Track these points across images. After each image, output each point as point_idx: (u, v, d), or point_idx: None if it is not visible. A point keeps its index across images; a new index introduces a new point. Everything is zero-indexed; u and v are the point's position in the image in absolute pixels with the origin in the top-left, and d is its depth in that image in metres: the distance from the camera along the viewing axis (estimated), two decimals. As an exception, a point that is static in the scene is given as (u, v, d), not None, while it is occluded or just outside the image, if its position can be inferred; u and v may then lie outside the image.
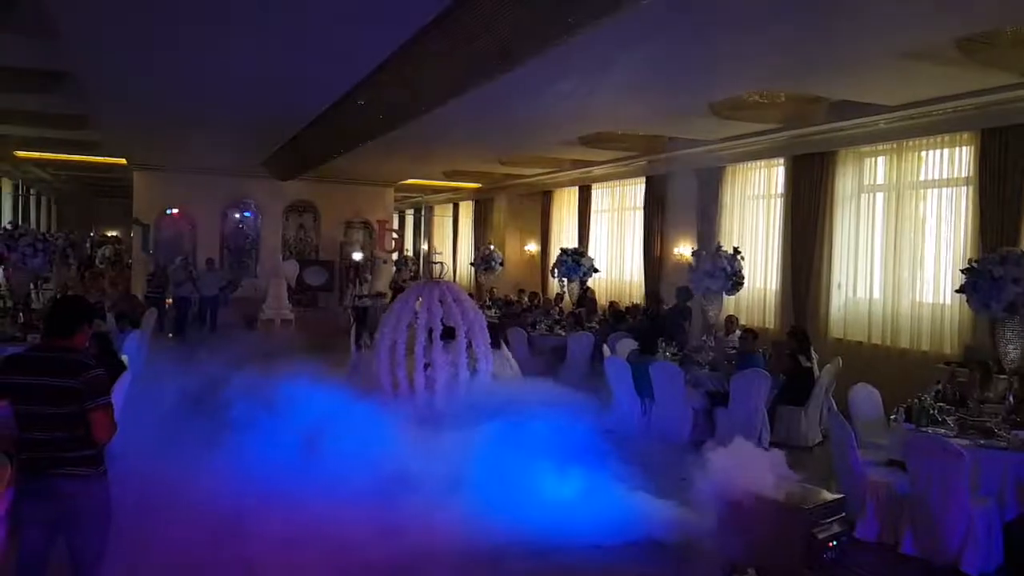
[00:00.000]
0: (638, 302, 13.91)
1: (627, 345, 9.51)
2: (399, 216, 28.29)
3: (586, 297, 14.13)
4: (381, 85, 8.24)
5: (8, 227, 14.21)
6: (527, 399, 7.48)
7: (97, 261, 22.44)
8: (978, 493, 4.98)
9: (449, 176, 18.75)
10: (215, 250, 19.30)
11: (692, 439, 7.58)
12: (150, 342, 11.09)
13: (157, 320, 12.88)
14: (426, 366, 8.46)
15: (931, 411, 5.64)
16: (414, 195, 25.65)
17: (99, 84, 9.57)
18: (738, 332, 9.50)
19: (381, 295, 17.76)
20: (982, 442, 5.24)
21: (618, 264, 15.75)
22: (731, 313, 10.78)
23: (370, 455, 5.82)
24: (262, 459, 5.72)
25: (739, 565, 4.66)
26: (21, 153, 16.91)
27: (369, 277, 16.82)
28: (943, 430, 5.43)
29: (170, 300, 15.30)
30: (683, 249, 13.21)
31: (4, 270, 9.06)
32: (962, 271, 6.35)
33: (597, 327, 11.85)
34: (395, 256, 22.17)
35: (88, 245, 22.22)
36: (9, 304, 11.15)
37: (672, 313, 11.23)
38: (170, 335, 14.42)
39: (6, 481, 3.66)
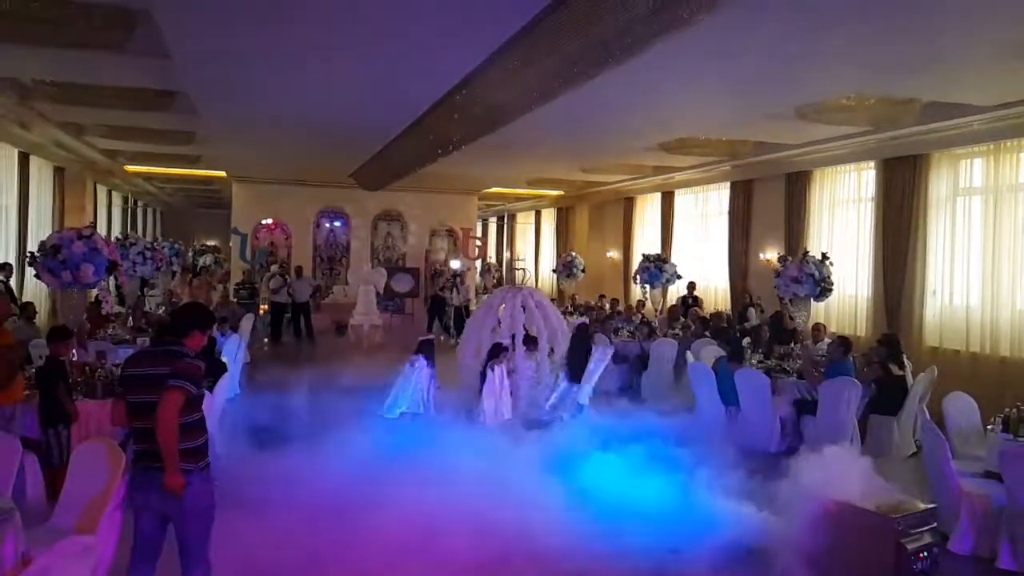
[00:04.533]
0: (722, 309, 13.75)
1: (712, 352, 9.47)
2: (482, 224, 28.75)
3: (691, 306, 13.81)
4: (469, 95, 8.52)
5: (120, 237, 15.37)
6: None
7: (198, 269, 23.75)
8: (1081, 507, 4.81)
9: (532, 184, 19.00)
10: (308, 258, 20.19)
11: (780, 448, 7.53)
12: (248, 347, 11.72)
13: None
14: (509, 372, 8.69)
15: (1031, 422, 5.46)
16: (497, 203, 26.05)
17: (207, 102, 10.23)
18: (827, 340, 9.31)
19: (469, 300, 18.16)
20: (1085, 455, 5.05)
21: (702, 270, 15.61)
22: (819, 321, 10.57)
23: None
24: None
25: (826, 574, 4.67)
26: (131, 168, 18.10)
27: (465, 284, 17.29)
28: (1044, 442, 5.26)
29: (265, 307, 16.06)
30: (769, 255, 13.02)
31: (116, 277, 9.76)
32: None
33: (680, 333, 11.81)
34: (479, 264, 22.61)
35: (190, 254, 23.53)
36: (122, 309, 11.94)
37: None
38: (266, 340, 15.15)
39: (122, 469, 4.03)
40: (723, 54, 7.06)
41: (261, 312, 15.75)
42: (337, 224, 21.38)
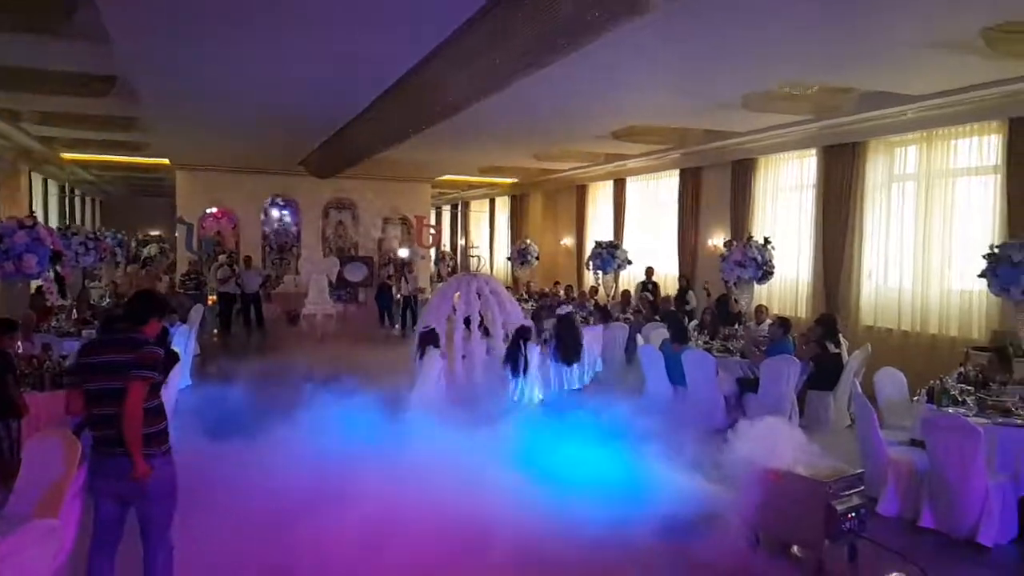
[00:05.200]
0: (671, 294, 14.08)
1: (661, 335, 9.77)
2: (436, 212, 28.75)
3: (649, 291, 14.02)
4: (418, 84, 8.59)
5: (61, 226, 14.99)
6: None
7: (143, 260, 23.26)
8: (994, 469, 5.18)
9: (486, 172, 19.10)
10: (257, 248, 19.97)
11: (725, 423, 7.83)
12: (198, 338, 11.60)
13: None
14: (464, 356, 8.84)
15: (952, 392, 5.84)
16: (451, 191, 26.08)
17: (148, 87, 10.01)
18: (769, 320, 9.68)
19: (420, 290, 18.22)
20: (1000, 421, 5.43)
21: (651, 255, 15.93)
22: (762, 303, 10.97)
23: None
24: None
25: (765, 536, 4.96)
26: (68, 155, 17.57)
27: (413, 273, 17.31)
28: (963, 410, 5.62)
29: (213, 298, 15.88)
30: (716, 240, 13.39)
31: (58, 268, 9.54)
32: (984, 257, 6.51)
33: (631, 318, 12.10)
34: (433, 252, 22.64)
35: (133, 244, 23.03)
36: (65, 301, 11.68)
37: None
38: (215, 331, 15.00)
39: (78, 457, 4.06)
40: (671, 42, 7.27)
41: (210, 303, 15.58)
42: (287, 213, 21.18)
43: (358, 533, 4.64)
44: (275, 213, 21.10)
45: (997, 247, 6.42)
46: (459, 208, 29.23)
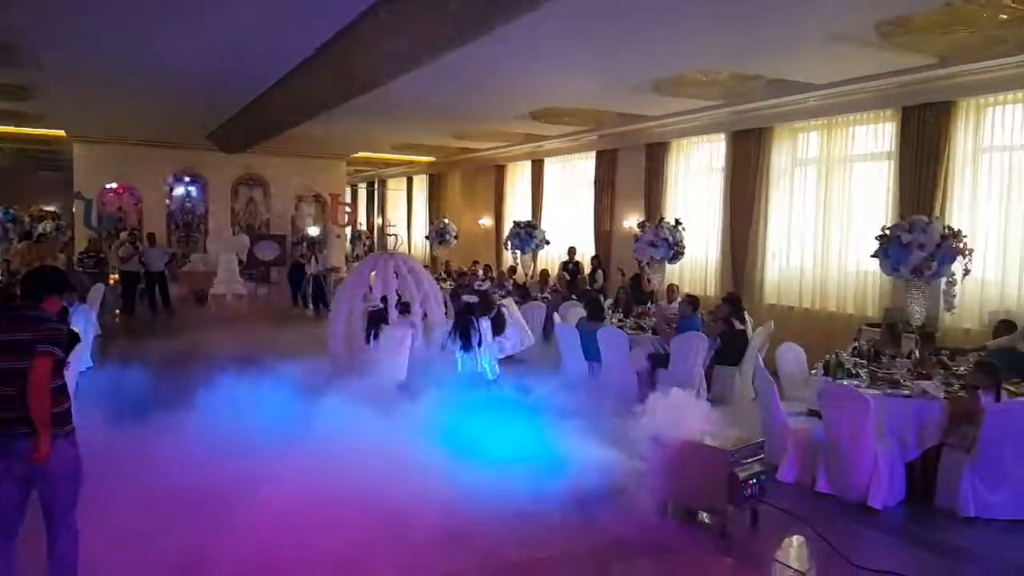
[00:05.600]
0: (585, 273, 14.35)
1: (577, 313, 9.96)
2: (352, 190, 28.23)
3: (568, 272, 14.19)
4: (335, 57, 8.40)
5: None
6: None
7: (37, 236, 21.90)
8: (883, 436, 5.56)
9: (402, 150, 18.88)
10: (161, 225, 19.16)
11: (638, 398, 8.07)
12: (99, 318, 11.08)
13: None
14: (377, 335, 8.77)
15: (846, 365, 6.21)
16: (367, 169, 25.65)
17: (46, 55, 9.46)
18: (679, 299, 10.01)
19: (335, 269, 17.94)
20: (889, 391, 5.82)
21: (570, 236, 16.15)
22: (673, 282, 11.33)
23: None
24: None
25: (673, 504, 5.18)
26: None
27: (323, 252, 16.98)
28: (856, 382, 6.00)
29: (115, 277, 15.20)
30: (630, 221, 13.70)
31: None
32: (876, 238, 6.92)
33: (548, 297, 12.28)
34: (348, 230, 22.26)
35: (27, 220, 21.65)
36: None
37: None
38: (117, 311, 14.38)
39: None
40: (585, 26, 7.37)
41: (111, 282, 14.89)
42: (193, 189, 20.37)
43: (276, 517, 4.55)
44: (180, 189, 20.26)
45: (888, 229, 6.83)
46: (376, 186, 28.79)
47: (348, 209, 21.00)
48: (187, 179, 20.18)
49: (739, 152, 11.37)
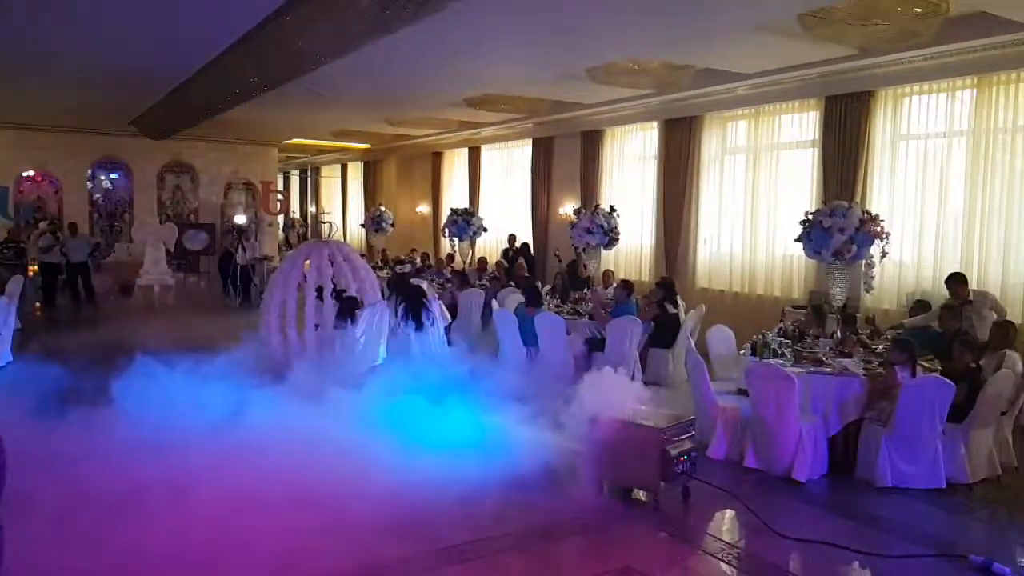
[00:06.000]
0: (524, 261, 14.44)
1: (515, 299, 10.02)
2: (284, 177, 27.64)
3: (506, 260, 14.21)
4: (267, 39, 8.20)
5: None
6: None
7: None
8: (807, 413, 5.80)
9: (336, 136, 18.57)
10: (83, 214, 18.40)
11: (575, 382, 8.19)
12: (18, 311, 10.61)
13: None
14: (316, 325, 8.67)
15: (772, 346, 6.45)
16: (300, 155, 25.14)
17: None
18: (615, 284, 10.19)
19: (267, 258, 17.59)
20: (812, 369, 6.07)
21: (508, 222, 16.21)
22: (609, 267, 11.52)
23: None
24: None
25: (609, 482, 5.31)
26: None
27: (252, 241, 16.59)
28: (781, 361, 6.24)
29: (35, 268, 14.59)
30: (566, 208, 13.83)
31: None
32: (799, 223, 7.19)
33: (487, 284, 12.30)
34: (281, 219, 21.80)
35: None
36: None
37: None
38: (38, 304, 13.82)
39: None
40: (516, 14, 7.38)
41: (31, 274, 14.27)
42: (116, 176, 19.61)
43: (214, 512, 4.47)
44: (103, 177, 19.46)
45: (811, 214, 7.10)
46: (309, 173, 28.24)
47: (280, 197, 20.52)
48: (110, 166, 19.40)
49: (671, 140, 11.60)
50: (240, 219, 18.31)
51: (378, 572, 4.13)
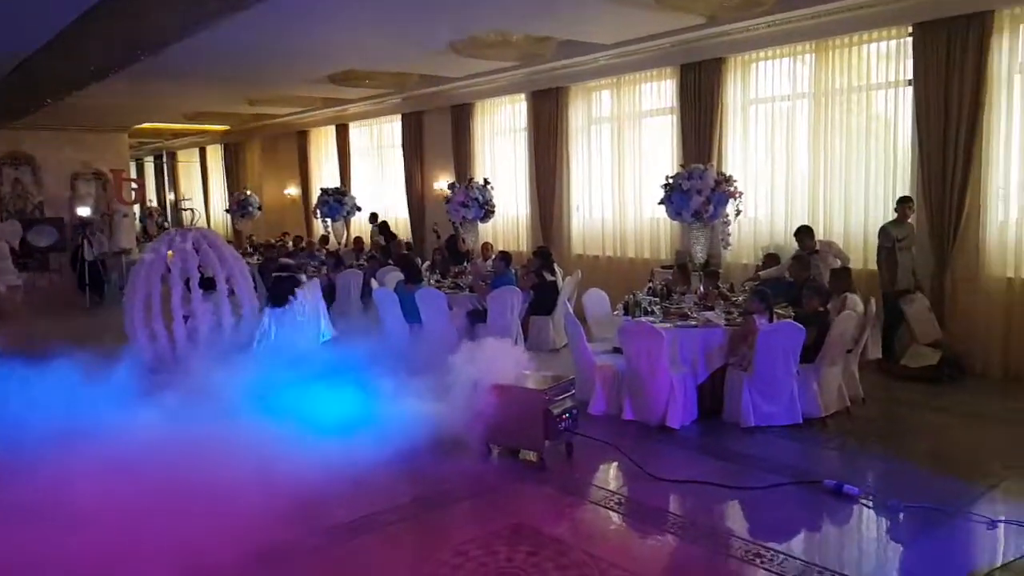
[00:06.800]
0: (402, 238, 14.35)
1: (395, 277, 9.97)
2: (137, 165, 25.95)
3: (383, 238, 13.95)
4: (114, 13, 7.67)
5: None
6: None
7: None
8: (676, 364, 6.17)
9: (191, 119, 17.62)
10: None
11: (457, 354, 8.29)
12: None
13: None
14: (186, 317, 8.29)
15: (642, 304, 6.78)
16: (153, 141, 23.66)
17: None
18: (493, 256, 10.33)
19: (125, 251, 16.57)
20: (679, 324, 6.44)
21: (383, 200, 16.02)
22: (487, 240, 11.65)
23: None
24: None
25: (496, 446, 5.45)
26: None
27: (99, 235, 15.59)
28: (651, 318, 6.57)
29: None
30: (441, 183, 13.81)
31: None
32: (661, 187, 7.55)
33: (364, 264, 12.14)
34: (137, 208, 20.51)
35: None
36: None
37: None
38: None
39: None
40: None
41: None
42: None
43: (102, 518, 4.25)
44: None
45: (671, 178, 7.47)
46: (164, 159, 26.65)
47: (135, 186, 19.26)
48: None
49: (539, 111, 11.79)
50: (83, 212, 17.03)
51: (273, 556, 4.07)
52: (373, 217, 14.67)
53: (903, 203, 7.68)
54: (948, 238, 7.61)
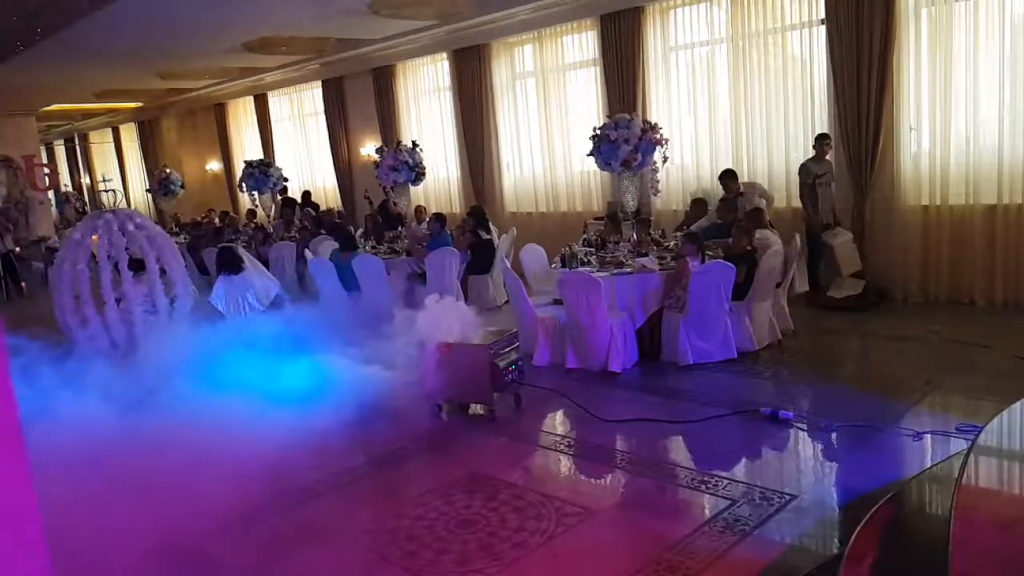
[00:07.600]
0: (333, 206, 14.15)
1: (329, 247, 9.86)
2: (47, 149, 24.69)
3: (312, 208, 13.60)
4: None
5: None
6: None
7: None
8: (615, 310, 6.35)
9: (101, 98, 16.82)
10: None
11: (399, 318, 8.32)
12: None
13: None
14: (117, 301, 8.06)
15: (579, 256, 6.93)
16: (62, 123, 22.53)
17: None
18: (428, 219, 10.31)
19: (43, 239, 15.87)
20: (615, 272, 6.61)
21: (308, 170, 15.71)
22: (420, 203, 11.60)
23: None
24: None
25: (446, 403, 5.55)
26: None
27: (14, 227, 14.90)
28: (588, 268, 6.73)
29: None
30: (368, 148, 13.62)
31: None
32: (589, 138, 7.65)
33: (296, 236, 11.94)
34: (52, 194, 19.61)
35: None
36: None
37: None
38: None
39: None
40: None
41: None
42: None
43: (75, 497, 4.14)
44: None
45: (598, 129, 7.57)
46: (76, 142, 25.42)
47: (47, 171, 18.40)
48: None
49: (463, 70, 11.69)
50: None
51: (234, 522, 4.08)
52: (288, 201, 14.18)
53: (821, 140, 7.96)
54: (866, 171, 7.94)
